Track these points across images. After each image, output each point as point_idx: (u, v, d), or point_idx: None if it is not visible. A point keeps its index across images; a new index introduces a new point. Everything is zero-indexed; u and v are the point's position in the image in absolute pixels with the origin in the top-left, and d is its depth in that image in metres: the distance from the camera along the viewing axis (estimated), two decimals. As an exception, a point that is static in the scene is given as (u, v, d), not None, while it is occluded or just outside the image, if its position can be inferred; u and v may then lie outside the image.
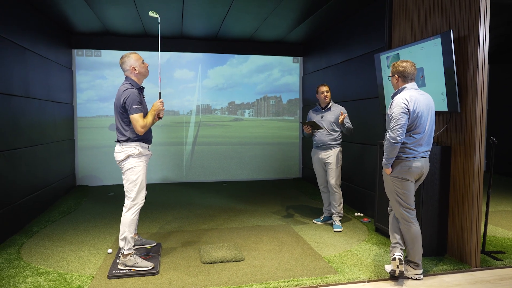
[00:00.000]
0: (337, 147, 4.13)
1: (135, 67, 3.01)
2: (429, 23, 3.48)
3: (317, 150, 4.22)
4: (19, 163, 4.06)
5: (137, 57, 3.03)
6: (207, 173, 7.04)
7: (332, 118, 4.10)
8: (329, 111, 4.14)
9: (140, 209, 3.05)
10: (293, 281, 2.77)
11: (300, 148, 7.40)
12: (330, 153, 4.10)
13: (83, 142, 6.49)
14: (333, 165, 4.09)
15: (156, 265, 3.00)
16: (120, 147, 2.99)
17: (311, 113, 4.34)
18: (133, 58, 3.01)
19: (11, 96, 3.91)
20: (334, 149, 4.11)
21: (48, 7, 4.69)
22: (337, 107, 4.17)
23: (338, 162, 4.11)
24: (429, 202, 3.25)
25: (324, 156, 4.13)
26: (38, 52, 4.70)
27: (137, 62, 3.02)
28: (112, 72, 6.56)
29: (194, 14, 5.12)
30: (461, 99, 3.11)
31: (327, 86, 4.16)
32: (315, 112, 4.27)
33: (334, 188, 4.10)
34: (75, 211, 4.86)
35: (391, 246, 2.90)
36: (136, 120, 2.89)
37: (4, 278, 2.84)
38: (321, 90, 4.15)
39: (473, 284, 2.80)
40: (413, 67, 2.79)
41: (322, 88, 4.15)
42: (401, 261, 2.74)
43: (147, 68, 3.09)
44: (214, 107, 7.08)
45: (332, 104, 4.19)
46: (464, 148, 3.11)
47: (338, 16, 5.17)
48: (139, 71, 3.03)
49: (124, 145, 2.97)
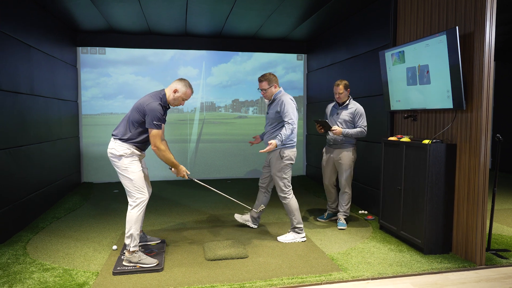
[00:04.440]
0: (351, 146, 4.02)
1: (178, 92, 3.08)
2: (434, 20, 3.46)
3: (329, 148, 4.12)
4: (25, 160, 4.09)
5: (188, 92, 3.12)
6: (211, 171, 7.06)
7: (347, 117, 3.98)
8: (345, 109, 4.01)
9: (145, 206, 3.07)
10: (297, 278, 2.78)
11: (304, 145, 7.39)
12: (343, 152, 4.00)
13: (88, 140, 6.53)
14: (345, 166, 3.98)
15: (160, 262, 3.02)
16: (114, 144, 3.01)
17: (329, 108, 4.21)
18: (185, 89, 3.09)
19: (17, 94, 3.94)
20: (348, 148, 4.01)
21: (53, 5, 4.71)
22: (355, 105, 3.99)
23: (351, 162, 4.00)
24: (434, 200, 3.24)
25: (336, 156, 4.03)
26: (43, 50, 4.73)
27: (182, 94, 3.09)
28: (116, 69, 6.58)
29: (198, 12, 5.12)
30: (466, 96, 3.09)
31: (342, 85, 3.94)
32: (333, 108, 4.14)
33: (345, 188, 4.04)
34: (80, 208, 4.89)
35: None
36: (154, 136, 2.95)
37: (10, 273, 2.87)
38: (334, 91, 3.99)
39: (478, 282, 2.79)
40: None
41: (335, 88, 3.97)
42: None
43: (179, 103, 3.15)
44: (218, 105, 7.09)
45: (350, 101, 4.02)
46: (470, 146, 3.09)
47: (342, 13, 5.15)
48: (175, 98, 3.08)
49: (118, 143, 3.00)
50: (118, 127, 3.07)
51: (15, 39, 3.93)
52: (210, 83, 7.00)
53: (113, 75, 6.59)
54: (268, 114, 3.68)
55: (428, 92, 3.37)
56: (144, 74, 6.71)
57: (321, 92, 6.43)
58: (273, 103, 3.62)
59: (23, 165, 4.05)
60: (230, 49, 6.91)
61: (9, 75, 3.77)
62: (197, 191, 5.89)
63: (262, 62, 7.13)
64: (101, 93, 6.58)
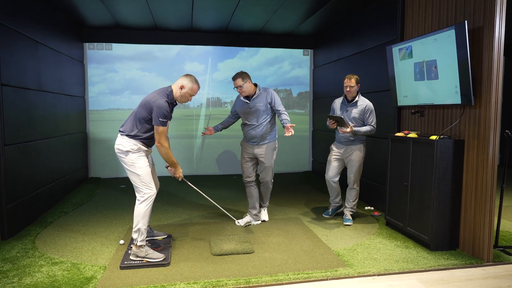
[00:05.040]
0: (360, 143, 3.98)
1: (184, 88, 3.07)
2: (442, 14, 3.42)
3: (339, 144, 4.07)
4: (33, 156, 4.13)
5: (195, 87, 3.11)
6: (217, 166, 7.07)
7: (356, 114, 3.91)
8: (355, 107, 3.94)
9: (153, 201, 3.09)
10: (303, 274, 2.78)
11: (310, 141, 7.38)
12: (353, 149, 3.97)
13: (95, 135, 6.57)
14: (355, 162, 3.96)
15: (167, 257, 3.04)
16: (121, 140, 3.03)
17: (336, 103, 4.13)
18: (191, 85, 3.08)
19: (25, 90, 3.97)
20: (358, 145, 3.96)
21: (60, 1, 4.72)
22: (364, 102, 3.92)
23: (361, 159, 3.98)
24: (441, 196, 3.22)
25: (346, 153, 4.00)
26: (50, 45, 4.75)
27: (189, 90, 3.08)
28: (123, 65, 6.60)
29: (204, 7, 5.11)
30: (475, 92, 3.05)
31: (354, 79, 3.86)
32: (342, 104, 4.06)
33: (354, 184, 4.03)
34: (87, 202, 4.94)
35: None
36: (159, 133, 2.96)
37: (20, 267, 2.91)
38: (345, 84, 3.91)
39: (485, 279, 2.78)
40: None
41: (346, 81, 3.89)
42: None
43: (187, 100, 3.15)
44: (224, 100, 7.08)
45: (359, 97, 3.94)
46: (478, 142, 3.06)
47: (349, 8, 5.10)
48: (182, 94, 3.08)
49: (125, 139, 3.02)
50: (125, 123, 3.08)
51: (22, 34, 3.95)
52: (216, 79, 7.00)
53: (119, 71, 6.61)
54: (253, 108, 3.83)
55: (436, 87, 3.34)
56: (151, 70, 6.72)
57: (328, 87, 6.40)
58: (258, 97, 3.84)
59: (32, 160, 4.09)
60: (236, 44, 6.90)
61: (17, 71, 3.80)
62: (203, 188, 5.92)
63: (268, 57, 7.10)
64: (108, 89, 6.61)
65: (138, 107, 3.07)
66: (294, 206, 4.80)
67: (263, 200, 4.15)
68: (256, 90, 3.84)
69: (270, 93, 3.84)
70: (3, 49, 3.51)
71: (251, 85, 3.81)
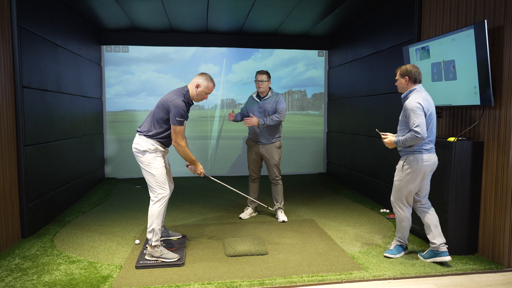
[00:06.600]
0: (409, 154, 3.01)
1: (200, 87, 3.13)
2: (461, 13, 3.35)
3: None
4: (53, 156, 4.23)
5: (210, 85, 3.17)
6: (231, 168, 7.09)
7: (402, 117, 3.04)
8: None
9: (167, 202, 3.13)
10: (317, 276, 2.76)
11: (324, 143, 7.32)
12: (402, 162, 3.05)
13: (112, 136, 6.68)
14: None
15: (181, 257, 3.07)
16: (139, 139, 3.08)
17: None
18: (206, 83, 3.14)
19: (45, 92, 4.07)
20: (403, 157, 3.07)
21: (79, 5, 4.83)
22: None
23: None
24: (459, 199, 3.15)
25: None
26: (69, 48, 4.86)
27: (205, 88, 3.14)
28: (139, 67, 6.70)
29: (219, 9, 5.14)
30: (495, 92, 2.98)
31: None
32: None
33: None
34: (104, 202, 5.02)
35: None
36: (176, 132, 3.02)
37: (39, 265, 2.99)
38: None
39: (506, 285, 2.70)
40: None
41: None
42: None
43: (203, 98, 3.21)
44: (239, 102, 7.11)
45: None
46: (498, 144, 2.98)
47: (365, 8, 5.05)
48: (198, 93, 3.14)
49: (143, 138, 3.06)
50: (143, 124, 3.14)
51: (43, 38, 4.05)
52: (230, 80, 7.03)
53: (136, 73, 6.71)
54: (262, 108, 4.07)
55: (454, 88, 3.27)
56: (166, 72, 6.80)
57: (343, 88, 6.35)
58: (269, 98, 4.09)
59: (51, 160, 4.19)
60: (251, 46, 6.91)
61: (38, 73, 3.90)
62: (218, 188, 5.94)
63: (283, 58, 7.10)
64: (124, 91, 6.72)
65: (155, 107, 3.12)
66: (308, 207, 4.77)
67: (277, 201, 4.24)
68: (269, 93, 4.11)
69: (279, 98, 4.09)
70: (25, 52, 3.61)
71: (269, 86, 4.11)
